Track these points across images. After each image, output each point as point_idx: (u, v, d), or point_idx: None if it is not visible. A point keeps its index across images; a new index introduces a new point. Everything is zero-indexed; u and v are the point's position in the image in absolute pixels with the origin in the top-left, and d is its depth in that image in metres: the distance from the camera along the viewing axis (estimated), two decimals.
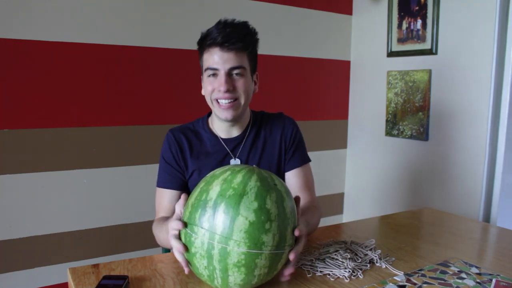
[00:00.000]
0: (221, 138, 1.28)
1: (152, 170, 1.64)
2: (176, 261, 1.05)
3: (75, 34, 1.85)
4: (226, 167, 0.91)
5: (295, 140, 1.33)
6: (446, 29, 2.15)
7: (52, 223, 1.87)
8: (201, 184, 0.90)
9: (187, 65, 2.12)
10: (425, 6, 2.23)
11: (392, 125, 2.46)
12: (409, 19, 2.32)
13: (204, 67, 1.19)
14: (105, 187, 1.98)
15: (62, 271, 1.89)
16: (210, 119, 1.32)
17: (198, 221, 0.84)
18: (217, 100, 1.18)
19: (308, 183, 1.32)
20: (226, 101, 1.17)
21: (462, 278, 0.97)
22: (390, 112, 2.46)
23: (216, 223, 0.81)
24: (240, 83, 1.17)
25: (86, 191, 1.94)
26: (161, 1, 2.03)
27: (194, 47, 2.21)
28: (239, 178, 0.85)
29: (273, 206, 0.84)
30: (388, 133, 2.49)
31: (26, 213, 1.81)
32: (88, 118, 1.91)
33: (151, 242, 2.07)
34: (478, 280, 0.96)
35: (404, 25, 2.35)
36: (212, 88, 1.17)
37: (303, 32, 2.51)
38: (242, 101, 1.19)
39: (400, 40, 2.37)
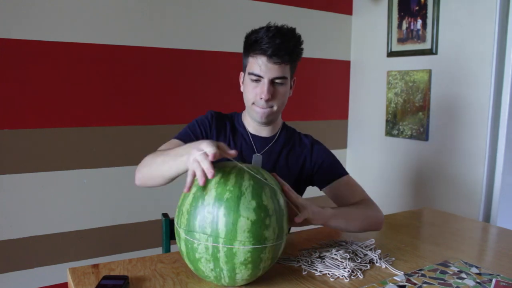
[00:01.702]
0: (250, 134, 1.31)
1: None
2: (176, 261, 1.05)
3: (75, 34, 1.85)
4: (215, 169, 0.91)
5: (324, 158, 1.32)
6: (446, 29, 2.15)
7: (52, 223, 1.87)
8: (192, 190, 0.88)
9: (187, 65, 2.12)
10: (425, 6, 2.23)
11: (392, 125, 2.46)
12: (409, 19, 2.32)
13: (248, 70, 1.21)
14: (105, 187, 1.98)
15: (62, 271, 1.89)
16: (243, 114, 1.35)
17: (198, 227, 0.84)
18: (255, 104, 1.22)
19: (357, 186, 1.31)
20: (263, 108, 1.22)
21: (462, 278, 0.97)
22: (390, 112, 2.46)
23: (218, 227, 0.82)
24: (280, 92, 1.21)
25: (86, 191, 1.94)
26: (161, 1, 2.03)
27: (194, 47, 2.21)
28: (232, 179, 0.85)
29: (269, 201, 0.86)
30: (388, 133, 2.49)
31: (26, 213, 1.81)
32: (88, 118, 1.91)
33: (151, 242, 2.07)
34: (478, 280, 0.96)
35: (404, 25, 2.35)
36: (254, 93, 1.21)
37: (303, 32, 2.48)
38: (277, 108, 1.23)
39: (400, 40, 2.37)
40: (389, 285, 0.93)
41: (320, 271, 0.99)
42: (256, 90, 1.20)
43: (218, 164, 0.92)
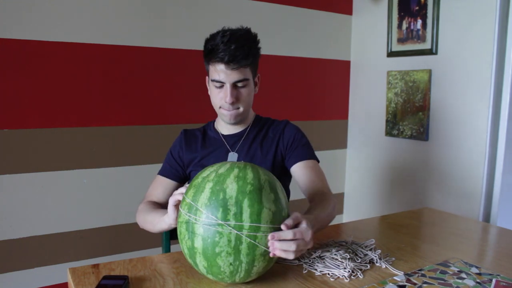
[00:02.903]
0: (222, 135, 1.39)
1: (152, 170, 1.64)
2: (176, 261, 1.06)
3: (75, 34, 1.85)
4: (227, 164, 0.93)
5: (295, 139, 1.36)
6: (446, 29, 2.15)
7: (52, 223, 1.87)
8: (208, 184, 0.88)
9: (187, 65, 2.12)
10: (425, 6, 2.23)
11: (392, 125, 2.46)
12: (409, 19, 2.32)
13: (210, 77, 1.28)
14: (105, 187, 1.98)
15: (62, 271, 1.89)
16: (216, 119, 1.44)
17: (221, 220, 0.85)
18: (222, 108, 1.29)
19: (318, 173, 1.32)
20: (229, 111, 1.28)
21: (462, 278, 0.97)
22: (390, 112, 2.46)
23: (243, 219, 0.85)
24: (243, 93, 1.27)
25: (86, 191, 1.94)
26: (161, 1, 2.03)
27: (194, 47, 2.21)
28: (250, 173, 0.90)
29: (282, 194, 0.93)
30: (388, 133, 2.49)
31: (26, 213, 1.82)
32: (88, 118, 1.91)
33: (151, 242, 2.07)
34: (478, 280, 0.96)
35: (404, 25, 2.35)
36: (219, 98, 1.27)
37: (303, 32, 2.51)
38: (243, 108, 1.29)
39: (400, 40, 2.38)
40: (389, 285, 0.93)
41: (320, 271, 0.99)
42: (220, 95, 1.26)
43: (222, 162, 0.97)
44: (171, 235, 1.41)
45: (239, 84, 1.25)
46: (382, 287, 0.93)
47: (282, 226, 0.88)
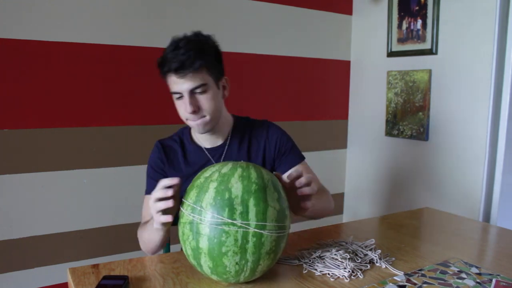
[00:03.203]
0: (206, 148, 1.31)
1: None
2: (176, 261, 1.06)
3: (75, 34, 1.85)
4: (223, 165, 0.93)
5: (282, 145, 1.34)
6: (446, 29, 2.15)
7: (52, 223, 1.87)
8: (212, 184, 0.88)
9: None
10: (425, 6, 2.23)
11: (392, 125, 2.46)
12: (409, 19, 2.32)
13: (170, 90, 1.22)
14: (105, 187, 1.98)
15: (62, 271, 1.89)
16: (192, 130, 1.35)
17: (228, 219, 0.85)
18: (187, 119, 1.22)
19: (314, 176, 1.32)
20: (195, 121, 1.21)
21: (462, 278, 0.97)
22: (390, 112, 2.46)
23: (249, 218, 0.85)
24: (204, 101, 1.18)
25: (86, 191, 1.94)
26: (161, 1, 2.03)
27: None
28: (253, 173, 0.90)
29: (283, 193, 0.94)
30: (388, 133, 2.49)
31: (26, 213, 1.82)
32: (88, 118, 1.91)
33: None
34: (478, 280, 0.96)
35: (404, 25, 2.35)
36: (183, 110, 1.20)
37: (303, 32, 2.51)
38: (209, 115, 1.21)
39: (400, 40, 2.37)
40: (389, 285, 0.93)
41: (320, 271, 0.99)
42: (181, 106, 1.20)
43: (225, 161, 0.97)
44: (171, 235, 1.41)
45: (197, 91, 1.17)
46: (382, 287, 0.93)
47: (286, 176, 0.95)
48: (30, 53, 1.76)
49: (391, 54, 2.43)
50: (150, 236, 1.14)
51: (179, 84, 1.16)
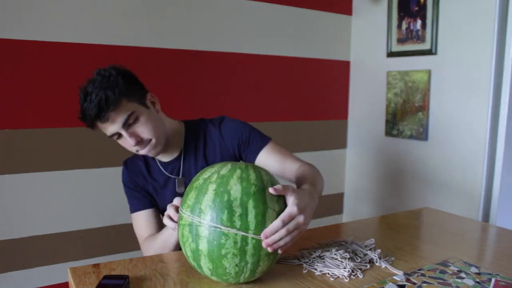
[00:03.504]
0: (164, 163, 1.30)
1: None
2: (176, 260, 1.06)
3: (75, 34, 1.85)
4: (222, 166, 0.92)
5: (239, 136, 1.29)
6: (446, 29, 2.15)
7: (52, 223, 1.87)
8: (211, 186, 0.88)
9: (187, 65, 2.12)
10: (424, 6, 2.23)
11: (392, 125, 2.46)
12: (409, 19, 2.32)
13: (107, 135, 1.19)
14: (105, 187, 1.98)
15: (62, 271, 1.89)
16: None
17: (227, 222, 0.84)
18: (137, 151, 1.21)
19: (285, 154, 1.28)
20: (144, 149, 1.19)
21: (462, 278, 0.97)
22: (390, 112, 2.46)
23: (248, 220, 0.85)
24: (141, 128, 1.16)
25: (86, 191, 1.94)
26: (161, 1, 2.04)
27: (194, 47, 2.21)
28: (252, 174, 0.90)
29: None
30: (388, 133, 2.49)
31: (26, 213, 1.82)
32: None
33: None
34: (477, 280, 0.96)
35: (404, 25, 2.35)
36: (128, 146, 1.19)
37: (303, 32, 2.51)
38: (155, 139, 1.19)
39: (400, 40, 2.38)
40: (389, 284, 0.94)
41: (320, 271, 1.00)
42: (125, 144, 1.19)
43: (223, 162, 0.96)
44: None
45: (130, 122, 1.14)
46: (382, 287, 0.93)
47: (271, 190, 0.88)
48: (30, 53, 1.76)
49: (390, 54, 2.44)
50: (165, 243, 1.16)
51: (109, 127, 1.14)
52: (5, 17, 1.70)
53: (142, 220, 1.28)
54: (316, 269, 1.00)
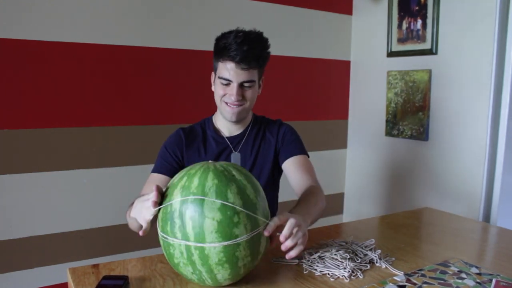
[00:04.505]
0: (225, 136, 1.40)
1: None
2: None
3: (75, 34, 1.85)
4: (182, 173, 0.92)
5: (285, 136, 1.41)
6: (446, 29, 2.15)
7: (52, 223, 1.87)
8: (169, 195, 0.89)
9: (187, 65, 2.12)
10: (425, 6, 2.23)
11: (392, 125, 2.46)
12: (409, 19, 2.32)
13: (218, 74, 1.29)
14: (105, 187, 1.98)
15: (62, 271, 1.89)
16: (214, 118, 1.44)
17: (171, 233, 0.85)
18: (226, 103, 1.30)
19: (308, 169, 1.35)
20: (234, 106, 1.30)
21: (462, 278, 0.97)
22: (390, 112, 2.46)
23: (187, 231, 0.83)
24: (249, 93, 1.30)
25: (86, 191, 1.94)
26: (161, 1, 2.03)
27: (194, 47, 2.21)
28: (195, 181, 0.86)
29: (236, 198, 0.85)
30: (388, 133, 2.49)
31: (26, 213, 1.81)
32: (88, 118, 1.91)
33: (151, 242, 2.07)
34: (478, 280, 0.96)
35: (404, 25, 2.35)
36: (224, 93, 1.29)
37: (303, 32, 2.51)
38: (248, 106, 1.32)
39: (400, 40, 2.37)
40: (389, 285, 0.93)
41: (320, 271, 0.99)
42: (226, 90, 1.28)
43: (190, 166, 0.94)
44: None
45: (246, 85, 1.27)
46: (382, 287, 0.93)
47: (265, 233, 0.88)
48: (30, 53, 1.76)
49: (391, 54, 2.43)
50: (132, 224, 1.20)
51: (234, 74, 1.24)
52: (5, 17, 1.70)
53: (154, 181, 1.32)
54: (316, 270, 1.00)
